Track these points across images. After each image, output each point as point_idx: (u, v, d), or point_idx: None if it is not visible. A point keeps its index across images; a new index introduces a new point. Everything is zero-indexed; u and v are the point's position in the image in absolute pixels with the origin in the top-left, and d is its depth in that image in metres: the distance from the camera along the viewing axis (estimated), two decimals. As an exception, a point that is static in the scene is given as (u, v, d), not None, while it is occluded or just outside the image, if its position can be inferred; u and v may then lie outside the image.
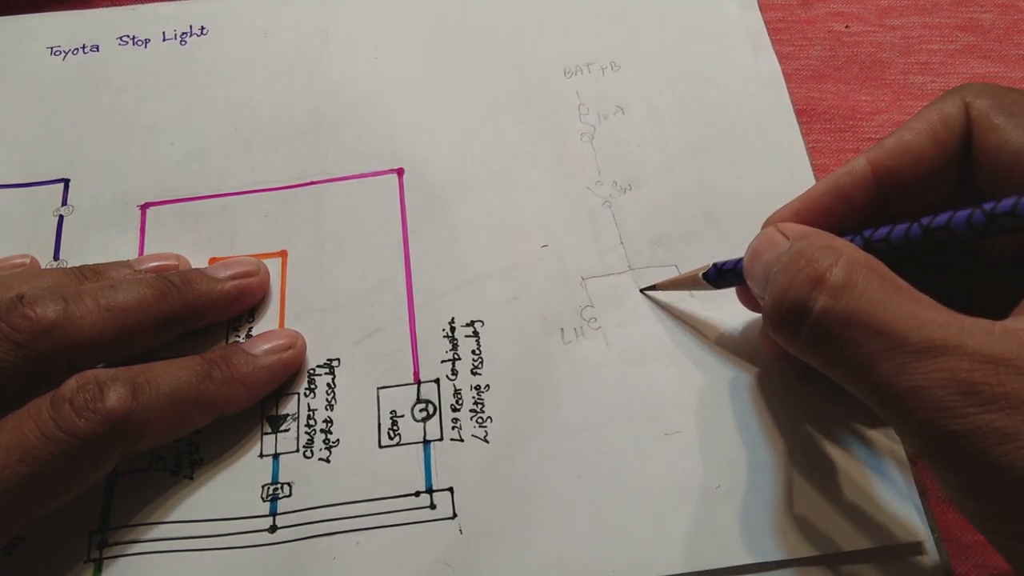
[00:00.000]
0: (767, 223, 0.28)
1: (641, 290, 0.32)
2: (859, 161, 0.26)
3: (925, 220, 0.23)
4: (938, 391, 0.19)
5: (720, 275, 0.29)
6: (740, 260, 0.27)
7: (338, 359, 0.31)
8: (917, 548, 0.27)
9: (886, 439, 0.28)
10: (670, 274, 0.32)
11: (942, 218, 0.23)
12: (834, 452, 0.28)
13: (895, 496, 0.27)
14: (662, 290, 0.32)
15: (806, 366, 0.24)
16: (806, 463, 0.28)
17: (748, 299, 0.30)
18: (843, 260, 0.22)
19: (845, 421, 0.29)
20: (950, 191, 0.26)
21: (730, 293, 0.30)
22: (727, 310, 0.31)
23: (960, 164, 0.25)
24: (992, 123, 0.24)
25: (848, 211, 0.27)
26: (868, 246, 0.24)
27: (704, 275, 0.29)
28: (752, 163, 0.35)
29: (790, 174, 0.34)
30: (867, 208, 0.27)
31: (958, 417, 0.19)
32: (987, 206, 0.22)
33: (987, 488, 0.20)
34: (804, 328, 0.22)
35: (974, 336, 0.20)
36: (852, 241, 0.24)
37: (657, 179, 0.35)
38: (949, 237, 0.23)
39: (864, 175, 0.26)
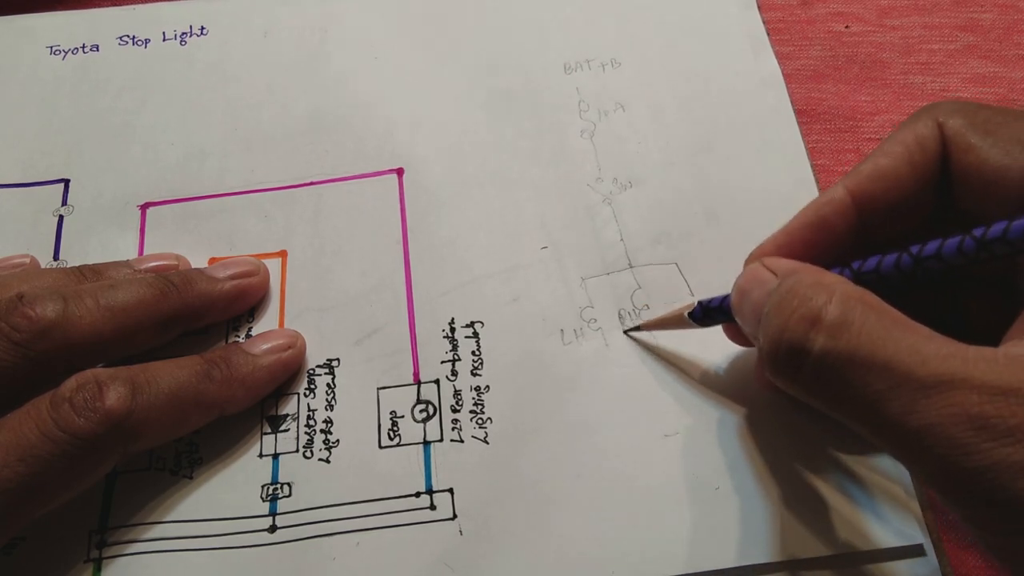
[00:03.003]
0: (750, 259, 0.27)
1: (625, 331, 0.31)
2: (837, 189, 0.26)
3: (915, 249, 0.23)
4: (951, 428, 0.19)
5: (706, 313, 0.28)
6: (726, 297, 0.27)
7: (338, 359, 0.31)
8: (916, 550, 0.27)
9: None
10: (671, 272, 0.32)
11: (932, 246, 0.22)
12: (833, 454, 0.28)
13: (894, 498, 0.27)
14: (646, 330, 0.31)
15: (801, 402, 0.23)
16: (805, 465, 0.28)
17: (736, 336, 0.29)
18: (837, 296, 0.21)
19: (844, 424, 0.29)
20: (930, 211, 0.26)
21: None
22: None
23: (938, 184, 0.25)
24: (968, 142, 0.24)
25: (831, 241, 0.26)
26: (858, 278, 0.24)
27: (690, 314, 0.28)
28: (752, 162, 0.35)
29: (790, 173, 0.34)
30: (849, 236, 0.26)
31: (974, 453, 0.19)
32: (977, 232, 0.21)
33: (1008, 521, 0.19)
34: (804, 370, 0.21)
35: (979, 367, 0.19)
36: (841, 274, 0.24)
37: (658, 177, 0.35)
38: (940, 266, 0.22)
39: (844, 203, 0.26)
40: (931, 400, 0.19)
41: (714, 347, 0.30)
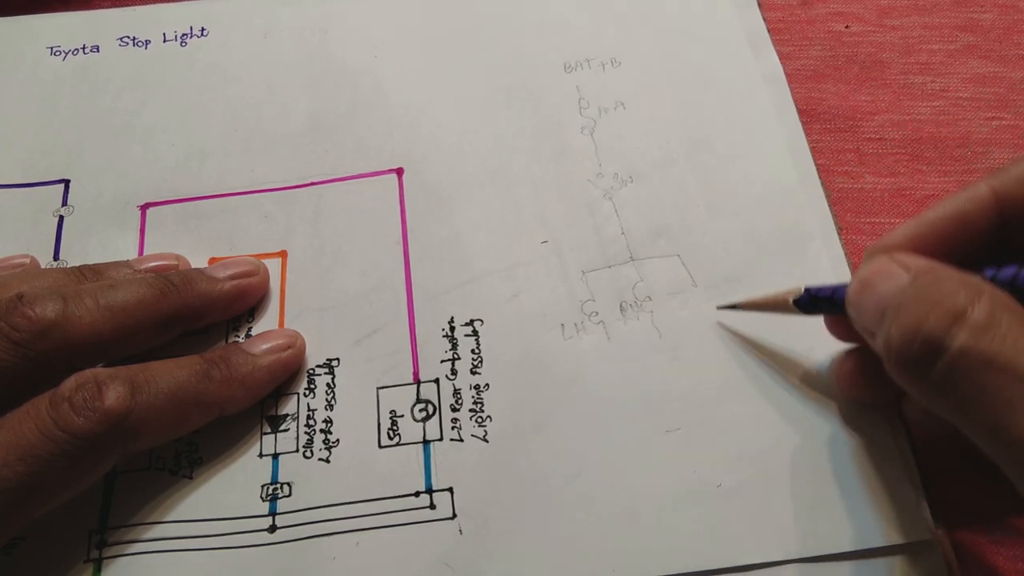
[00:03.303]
0: (874, 249, 0.25)
1: (718, 307, 0.31)
2: (980, 187, 0.24)
3: None
4: None
5: (813, 302, 0.27)
6: (838, 288, 0.26)
7: (338, 359, 0.31)
8: (919, 548, 0.27)
9: (889, 439, 0.28)
10: (673, 264, 0.32)
11: None
12: (836, 451, 0.28)
13: (897, 496, 0.27)
14: (743, 310, 0.30)
15: (890, 404, 0.22)
16: (807, 462, 0.28)
17: (840, 329, 0.28)
18: (986, 297, 0.20)
19: (847, 420, 0.29)
20: None
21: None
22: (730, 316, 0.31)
23: None
24: None
25: (966, 240, 0.24)
26: None
27: (795, 301, 0.27)
28: (755, 159, 0.35)
29: (794, 169, 0.34)
30: (987, 239, 0.24)
31: None
32: None
33: None
34: (937, 367, 0.20)
35: None
36: None
37: (658, 173, 0.35)
38: None
39: (986, 202, 0.24)
40: None
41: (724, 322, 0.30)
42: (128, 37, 0.40)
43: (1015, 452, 0.19)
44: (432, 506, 0.28)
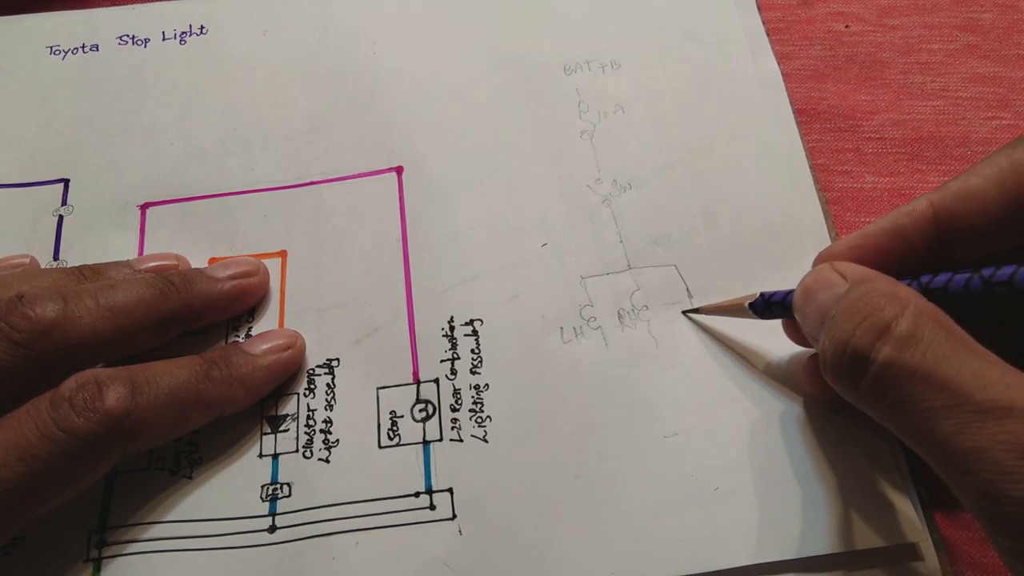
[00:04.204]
0: (819, 259, 0.27)
1: (684, 312, 0.31)
2: (920, 202, 0.26)
3: (987, 272, 0.22)
4: (1001, 454, 0.19)
5: (767, 306, 0.28)
6: (789, 293, 0.27)
7: (337, 359, 0.31)
8: (915, 549, 0.27)
9: (881, 441, 0.28)
10: (670, 274, 0.32)
11: (1005, 272, 0.22)
12: (832, 453, 0.28)
13: (893, 497, 0.27)
14: (705, 315, 0.31)
15: (842, 403, 0.23)
16: (804, 465, 0.28)
17: (795, 333, 0.29)
18: (910, 310, 0.21)
19: (843, 422, 0.29)
20: (1017, 242, 0.25)
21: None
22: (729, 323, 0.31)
23: None
24: None
25: (905, 252, 0.26)
26: (925, 293, 0.23)
27: (750, 305, 0.28)
28: (751, 164, 0.35)
29: (789, 175, 0.34)
30: (925, 251, 0.26)
31: (1021, 482, 0.19)
32: None
33: None
34: (865, 378, 0.22)
35: None
36: (909, 286, 0.23)
37: (657, 178, 0.35)
38: (1011, 293, 0.22)
39: (925, 217, 0.25)
40: (986, 424, 0.19)
41: (727, 330, 0.31)
42: (127, 36, 0.40)
43: (940, 456, 0.20)
44: (432, 506, 0.28)
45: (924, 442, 0.21)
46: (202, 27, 0.40)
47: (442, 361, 0.31)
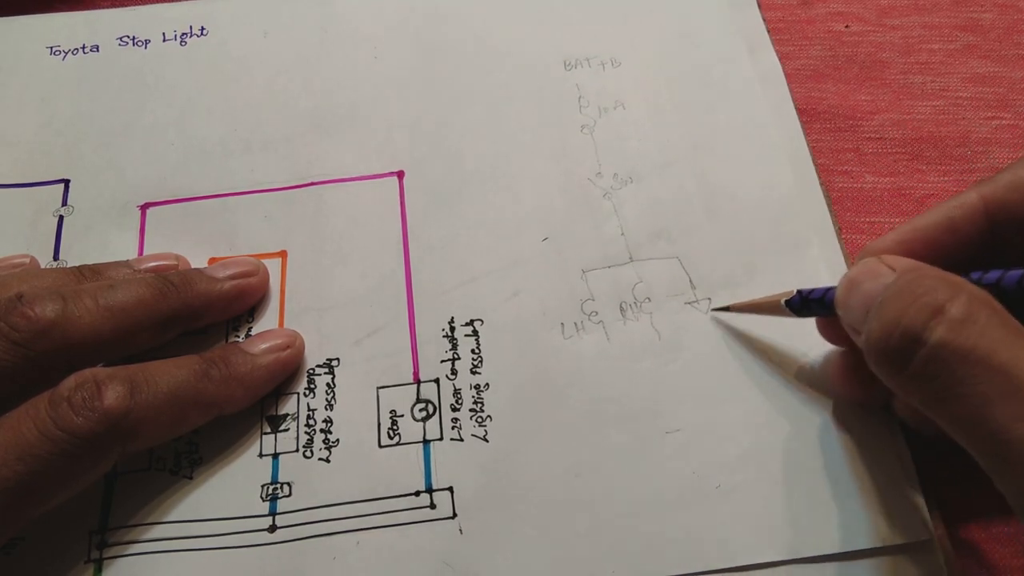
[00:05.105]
0: (866, 252, 0.26)
1: (712, 310, 0.31)
2: (970, 194, 0.25)
3: None
4: None
5: (805, 304, 0.27)
6: (829, 289, 0.26)
7: (338, 359, 0.31)
8: (918, 548, 0.27)
9: (887, 439, 0.28)
10: (673, 266, 0.32)
11: None
12: (834, 452, 0.28)
13: (896, 495, 0.27)
14: (736, 312, 0.30)
15: (881, 403, 0.22)
16: (805, 463, 0.28)
17: (831, 332, 0.28)
18: (964, 294, 0.21)
19: (845, 421, 0.29)
20: None
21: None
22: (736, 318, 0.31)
23: None
24: None
25: (955, 246, 0.25)
26: None
27: (787, 302, 0.27)
28: (754, 160, 0.35)
29: (793, 170, 0.34)
30: (976, 246, 0.25)
31: None
32: None
33: None
34: (915, 360, 0.21)
35: None
36: None
37: (658, 173, 0.35)
38: None
39: (975, 209, 0.25)
40: None
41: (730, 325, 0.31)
42: (128, 37, 0.40)
43: (990, 444, 0.20)
44: (432, 506, 0.28)
45: (975, 429, 0.20)
46: (203, 28, 0.40)
47: (442, 361, 0.31)
